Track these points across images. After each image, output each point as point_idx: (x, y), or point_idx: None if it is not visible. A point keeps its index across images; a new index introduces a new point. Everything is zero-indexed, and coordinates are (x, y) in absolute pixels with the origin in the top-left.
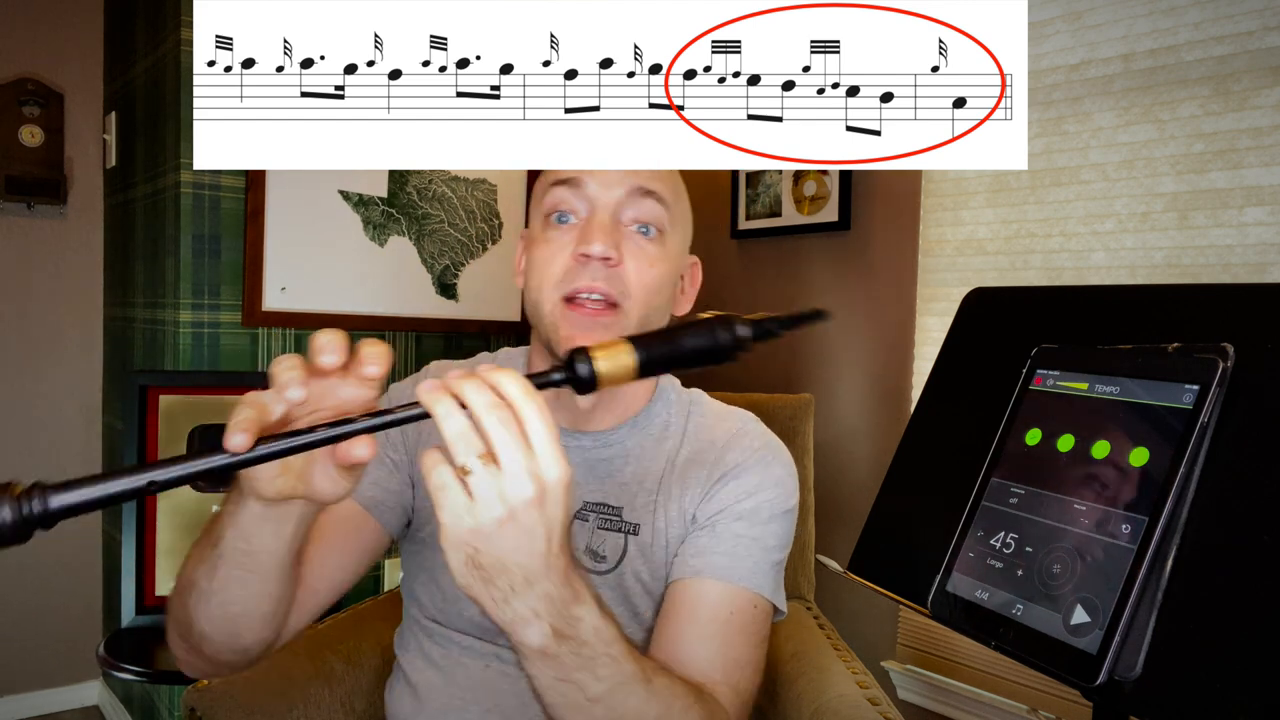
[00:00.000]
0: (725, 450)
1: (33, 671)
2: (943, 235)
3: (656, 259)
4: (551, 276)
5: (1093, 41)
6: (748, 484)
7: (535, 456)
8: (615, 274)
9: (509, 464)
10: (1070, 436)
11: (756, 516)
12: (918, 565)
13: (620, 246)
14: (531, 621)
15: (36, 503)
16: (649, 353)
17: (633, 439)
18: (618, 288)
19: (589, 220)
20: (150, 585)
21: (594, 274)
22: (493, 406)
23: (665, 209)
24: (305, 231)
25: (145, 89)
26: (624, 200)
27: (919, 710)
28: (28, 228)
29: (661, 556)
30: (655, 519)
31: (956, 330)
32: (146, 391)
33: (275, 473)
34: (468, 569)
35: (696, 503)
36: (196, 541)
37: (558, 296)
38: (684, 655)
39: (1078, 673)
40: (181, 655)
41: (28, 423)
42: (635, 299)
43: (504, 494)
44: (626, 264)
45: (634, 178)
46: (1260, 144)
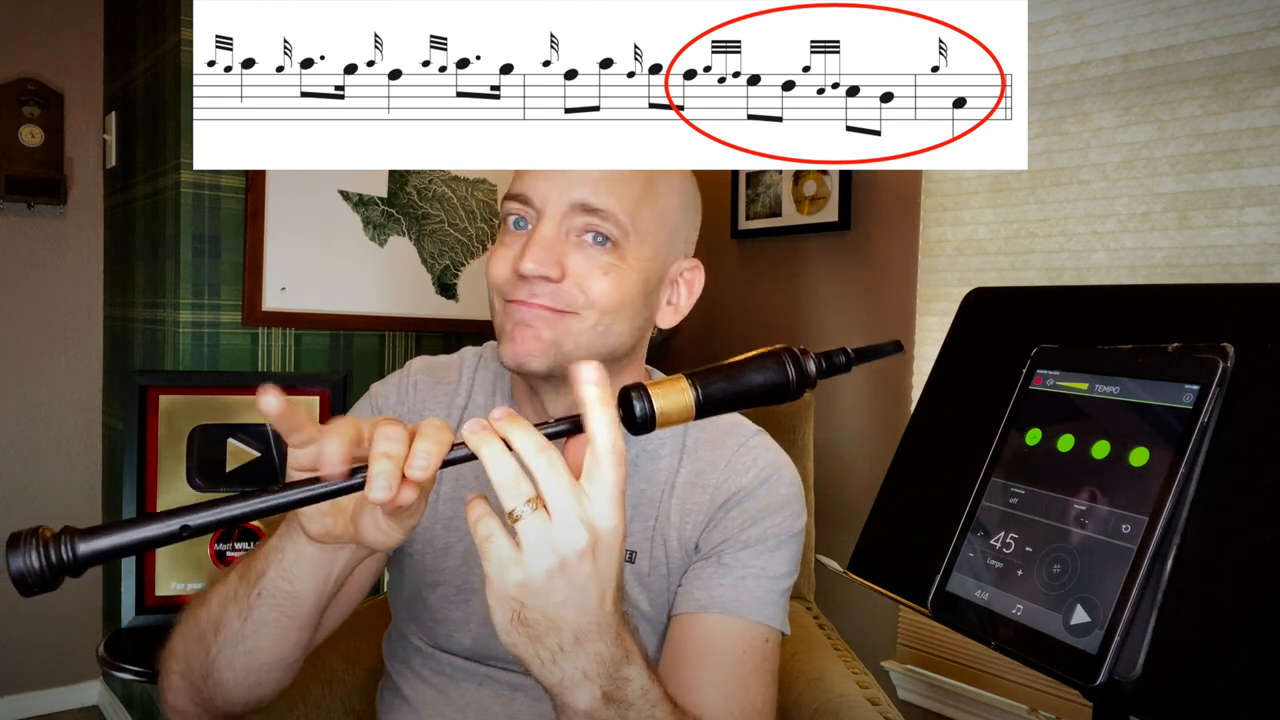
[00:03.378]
0: (729, 472)
1: (33, 671)
2: (943, 235)
3: (612, 269)
4: (498, 279)
5: (1093, 41)
6: (753, 509)
7: (588, 502)
8: (558, 290)
9: (560, 510)
10: (1070, 436)
11: (764, 544)
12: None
13: (563, 261)
14: (580, 684)
15: (65, 549)
16: (709, 389)
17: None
18: (564, 301)
19: (531, 234)
20: (150, 585)
21: (531, 290)
22: (541, 449)
23: (613, 222)
24: (305, 231)
25: (145, 89)
26: (567, 213)
27: (919, 710)
28: (28, 228)
29: (662, 585)
30: (654, 548)
31: (956, 330)
32: (146, 391)
33: (324, 511)
34: (514, 625)
35: (699, 531)
36: (218, 580)
37: (501, 301)
38: (698, 700)
39: (1078, 673)
40: (183, 706)
41: (28, 423)
42: (589, 306)
43: (554, 543)
44: (572, 275)
45: (578, 190)
46: (1260, 144)
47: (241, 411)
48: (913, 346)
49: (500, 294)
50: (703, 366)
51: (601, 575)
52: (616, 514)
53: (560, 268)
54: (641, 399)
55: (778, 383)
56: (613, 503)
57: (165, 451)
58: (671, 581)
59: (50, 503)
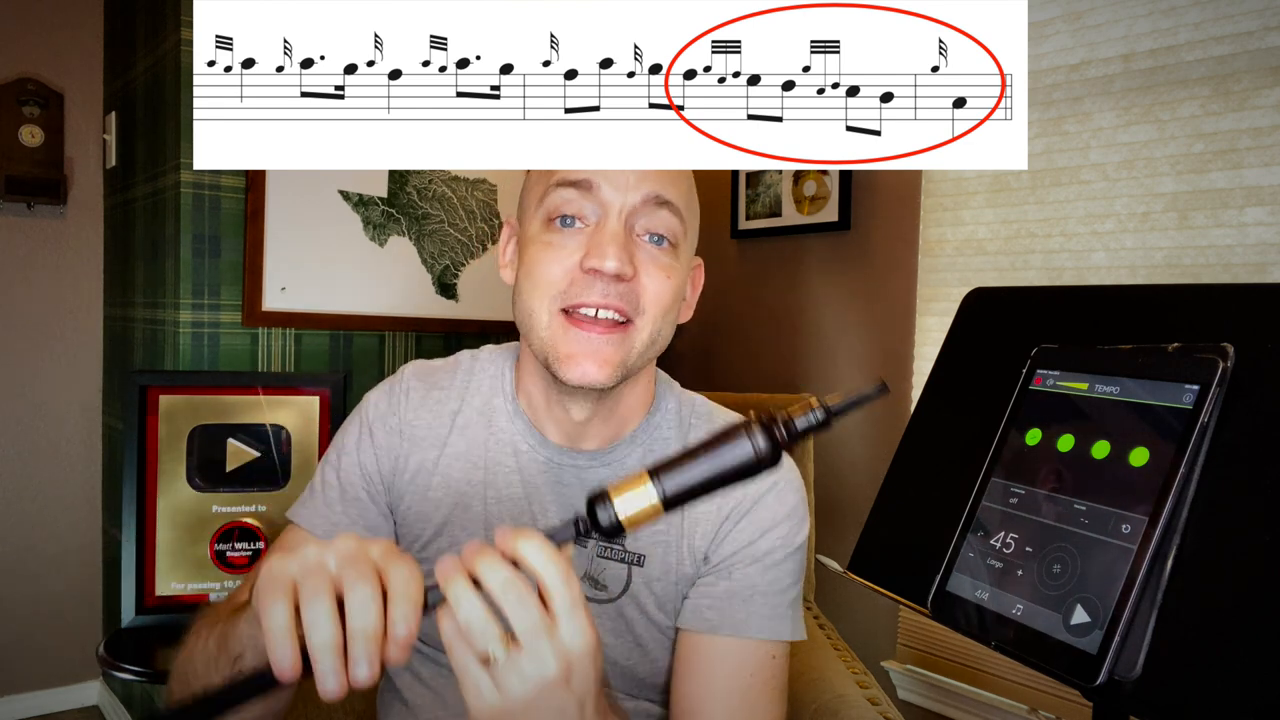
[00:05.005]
0: None
1: (33, 671)
2: (943, 235)
3: (672, 271)
4: (552, 285)
5: (1093, 41)
6: (761, 521)
7: (558, 631)
8: (629, 290)
9: (530, 645)
10: (1070, 436)
11: (771, 558)
12: (918, 565)
13: (635, 260)
14: None
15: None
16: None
17: (633, 457)
18: (631, 304)
19: (599, 229)
20: (150, 585)
21: (605, 290)
22: (509, 585)
23: (680, 220)
24: (305, 231)
25: (145, 89)
26: (639, 208)
27: (919, 710)
28: (28, 228)
29: (671, 592)
30: (666, 554)
31: (956, 330)
32: (146, 391)
33: None
34: None
35: (708, 541)
36: (200, 633)
37: (557, 308)
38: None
39: (1078, 673)
40: None
41: (28, 423)
42: (648, 315)
43: (529, 675)
44: (641, 278)
45: (650, 184)
46: (1260, 144)
47: (241, 411)
48: (913, 346)
49: (556, 299)
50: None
51: (579, 694)
52: (586, 633)
53: (634, 266)
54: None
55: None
56: (580, 624)
57: (165, 451)
58: (680, 589)
59: (50, 502)
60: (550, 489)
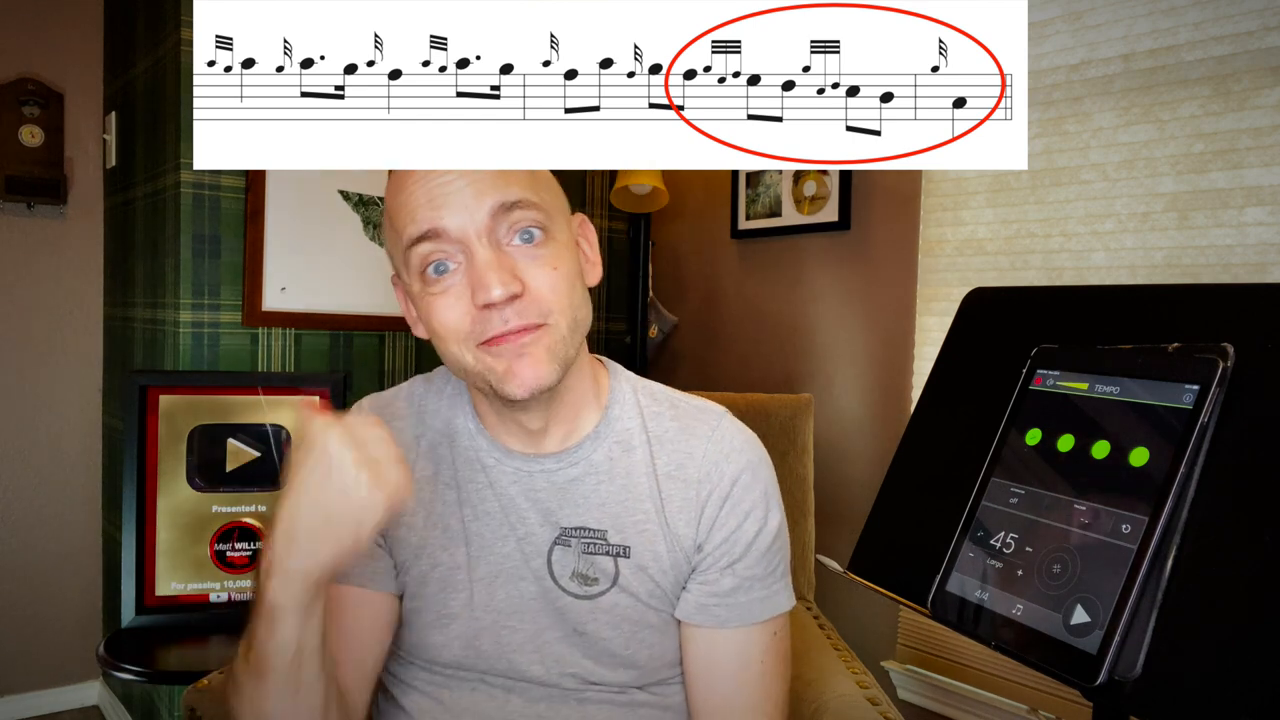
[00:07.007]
0: (709, 465)
1: (33, 671)
2: (943, 235)
3: (556, 259)
4: (459, 330)
5: (1093, 41)
6: (744, 504)
7: None
8: (528, 303)
9: None
10: (1070, 436)
11: (760, 543)
12: (918, 565)
13: (517, 271)
14: None
15: None
16: None
17: (599, 453)
18: (536, 312)
19: (471, 263)
20: (150, 585)
21: (505, 316)
22: None
23: (537, 208)
24: (305, 231)
25: (145, 89)
26: (491, 225)
27: (919, 710)
28: (28, 228)
29: (663, 579)
30: (652, 543)
31: (956, 330)
32: (146, 391)
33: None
34: None
35: (691, 527)
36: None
37: (473, 345)
38: (727, 708)
39: (1078, 673)
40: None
41: (28, 422)
42: (556, 309)
43: None
44: (531, 286)
45: (489, 194)
46: (1260, 144)
47: (242, 411)
48: (912, 346)
49: (467, 342)
50: None
51: None
52: None
53: (520, 280)
54: None
55: None
56: None
57: (165, 451)
58: (673, 576)
59: (50, 502)
60: (525, 496)
